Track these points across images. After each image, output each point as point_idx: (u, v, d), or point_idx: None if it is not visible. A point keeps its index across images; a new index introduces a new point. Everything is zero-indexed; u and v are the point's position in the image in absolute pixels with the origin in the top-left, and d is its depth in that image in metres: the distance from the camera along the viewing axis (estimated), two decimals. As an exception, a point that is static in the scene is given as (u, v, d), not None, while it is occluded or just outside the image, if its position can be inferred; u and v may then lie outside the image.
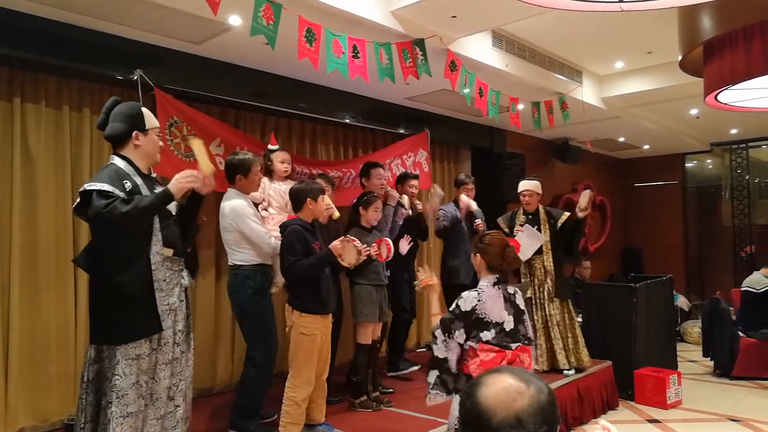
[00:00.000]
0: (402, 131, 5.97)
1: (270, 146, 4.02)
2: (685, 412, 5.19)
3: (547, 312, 4.99)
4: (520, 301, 2.87)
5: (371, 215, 4.13)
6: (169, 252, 2.57)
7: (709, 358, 6.62)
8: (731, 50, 3.44)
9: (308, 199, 3.36)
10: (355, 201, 4.30)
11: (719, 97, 3.92)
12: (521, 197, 5.14)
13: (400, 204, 4.66)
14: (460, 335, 2.70)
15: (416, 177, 5.03)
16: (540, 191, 5.14)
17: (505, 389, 1.15)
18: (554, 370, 4.95)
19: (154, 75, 3.82)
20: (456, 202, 5.24)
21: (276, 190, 3.98)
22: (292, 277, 3.28)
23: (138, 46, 3.81)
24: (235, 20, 3.54)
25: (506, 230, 5.12)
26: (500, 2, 3.56)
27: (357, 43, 3.59)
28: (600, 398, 5.14)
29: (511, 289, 2.86)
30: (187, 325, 2.72)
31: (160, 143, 2.75)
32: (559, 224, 5.00)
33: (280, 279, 3.66)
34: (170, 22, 3.55)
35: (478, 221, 5.10)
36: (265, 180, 3.88)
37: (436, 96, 5.41)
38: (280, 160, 4.02)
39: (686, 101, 6.18)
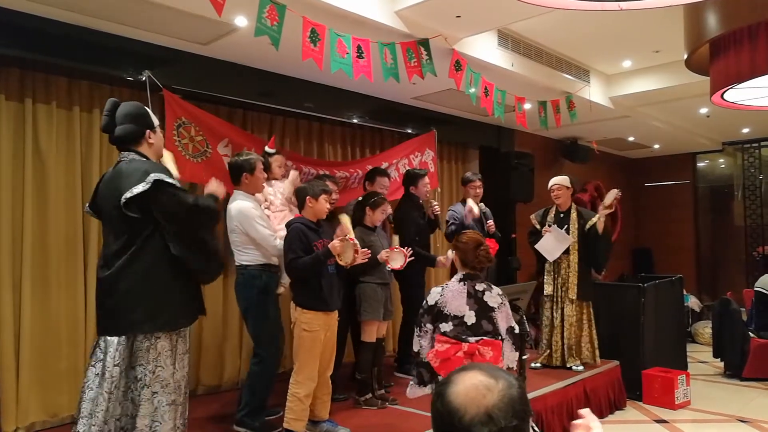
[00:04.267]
0: (409, 131, 5.99)
1: (267, 149, 4.05)
2: (694, 413, 5.16)
3: (565, 312, 5.00)
4: (490, 299, 3.02)
5: (377, 216, 4.16)
6: None
7: (719, 359, 6.57)
8: (736, 49, 3.42)
9: (308, 197, 3.41)
10: (361, 199, 4.33)
11: (726, 96, 3.90)
12: (551, 193, 5.14)
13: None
14: (430, 327, 3.03)
15: (426, 174, 5.02)
16: (569, 185, 5.13)
17: (474, 386, 1.15)
18: (566, 367, 4.96)
19: (163, 76, 3.88)
20: (464, 201, 5.25)
21: (276, 188, 4.03)
22: (292, 274, 3.34)
23: (146, 47, 3.87)
24: (240, 21, 3.58)
25: (537, 226, 5.15)
26: (504, 2, 3.56)
27: (361, 43, 3.62)
28: (607, 398, 5.12)
29: (480, 287, 3.04)
30: None
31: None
32: (587, 227, 4.99)
33: (286, 279, 3.69)
34: (177, 24, 3.60)
35: (490, 222, 5.11)
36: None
37: (443, 96, 5.42)
38: (278, 165, 4.07)
39: (695, 100, 6.13)
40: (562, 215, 5.07)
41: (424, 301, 3.09)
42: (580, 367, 4.98)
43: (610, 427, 4.76)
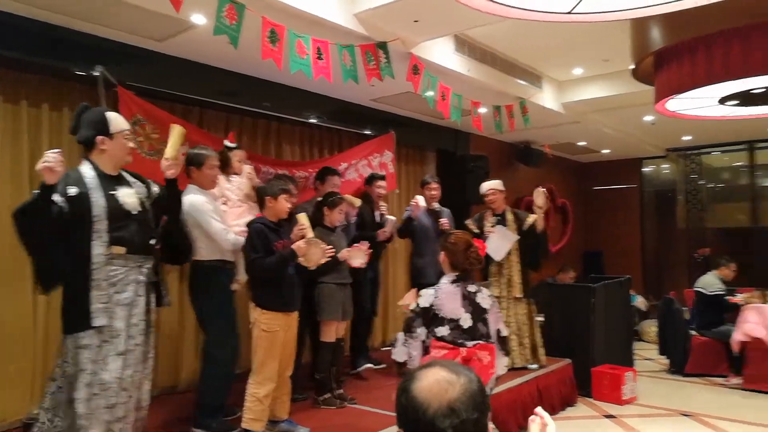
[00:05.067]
0: (368, 132, 6.04)
1: (227, 143, 4.01)
2: (640, 408, 5.36)
3: (512, 311, 5.14)
4: (483, 300, 2.89)
5: (335, 216, 4.18)
6: (121, 250, 2.68)
7: (664, 356, 6.85)
8: (678, 61, 3.61)
9: (267, 197, 3.41)
10: (319, 200, 4.35)
11: (668, 105, 4.09)
12: (485, 198, 5.27)
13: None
14: (422, 332, 2.78)
15: (383, 177, 5.11)
16: (503, 189, 5.27)
17: (437, 381, 1.21)
18: (521, 367, 5.09)
19: (117, 72, 3.80)
20: None
21: (234, 183, 3.99)
22: (254, 274, 3.33)
23: (99, 41, 3.78)
24: (198, 19, 3.55)
25: (476, 231, 5.24)
26: (461, 9, 3.64)
27: (320, 44, 3.64)
28: (559, 395, 5.28)
29: (472, 288, 2.90)
30: (147, 320, 2.79)
31: (131, 145, 2.88)
32: (525, 227, 5.14)
33: (242, 276, 3.67)
34: (131, 19, 3.54)
35: (443, 220, 5.17)
36: (220, 177, 3.88)
37: (401, 98, 5.49)
38: (238, 159, 4.03)
39: (641, 108, 6.38)
40: (499, 218, 5.22)
41: (414, 304, 2.89)
42: (534, 366, 5.12)
43: (562, 423, 4.91)
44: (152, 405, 3.00)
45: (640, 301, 8.94)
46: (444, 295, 2.84)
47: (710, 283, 6.47)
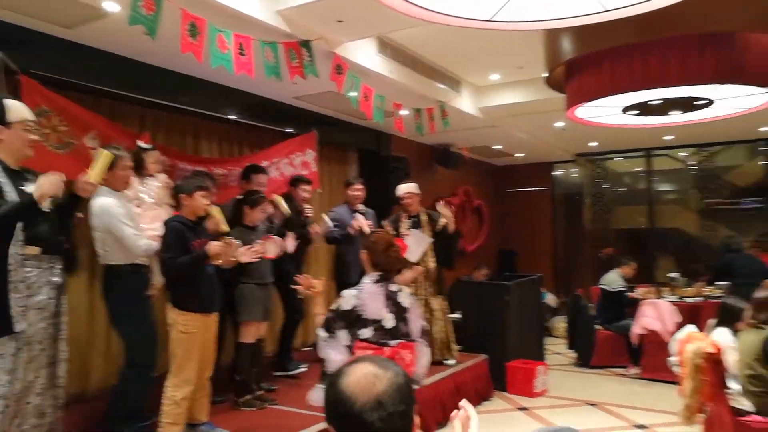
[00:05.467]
0: (290, 130, 5.98)
1: (141, 144, 3.86)
2: (550, 400, 5.65)
3: (431, 307, 5.27)
4: (404, 299, 2.87)
5: (257, 215, 4.12)
6: (35, 250, 2.52)
7: (572, 350, 7.25)
8: (587, 71, 3.84)
9: (181, 195, 3.32)
10: (239, 198, 4.26)
11: (577, 112, 4.34)
12: (402, 201, 5.37)
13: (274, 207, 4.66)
14: (344, 336, 2.68)
15: (309, 182, 5.08)
16: (418, 192, 5.41)
17: (364, 375, 1.23)
18: (434, 362, 5.21)
19: (20, 59, 3.55)
20: (347, 204, 5.34)
21: (148, 186, 3.85)
22: (169, 274, 3.23)
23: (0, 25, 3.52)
24: (110, 6, 3.38)
25: (394, 233, 5.31)
26: (384, 11, 3.70)
27: (242, 40, 3.57)
28: (475, 390, 5.46)
29: (394, 287, 2.86)
30: (57, 323, 2.67)
31: (32, 137, 2.66)
32: (437, 228, 5.28)
33: (158, 279, 3.54)
34: (35, 2, 3.31)
35: (368, 221, 5.22)
36: (134, 179, 3.73)
37: (324, 97, 5.48)
38: (153, 161, 3.88)
39: (553, 114, 6.71)
40: (414, 220, 5.35)
41: (336, 305, 2.78)
42: (452, 361, 5.27)
43: (478, 417, 5.08)
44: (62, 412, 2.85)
45: (550, 299, 9.40)
46: (367, 296, 2.76)
47: (613, 280, 6.91)
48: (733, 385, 3.84)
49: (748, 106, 4.14)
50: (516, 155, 9.66)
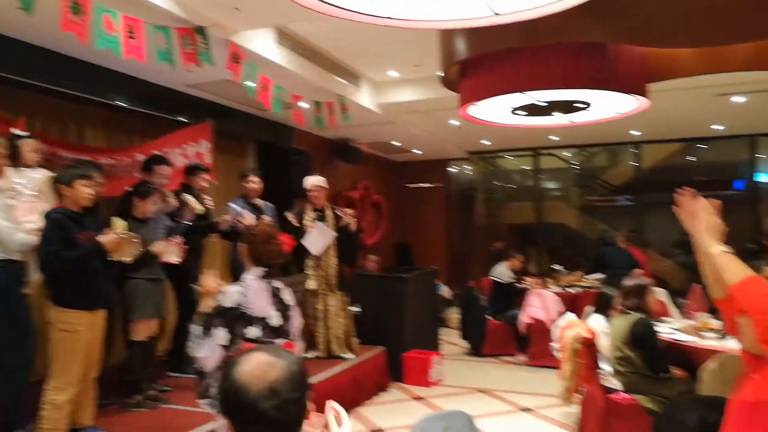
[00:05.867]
0: (183, 119, 5.75)
1: (15, 131, 3.56)
2: (445, 388, 5.86)
3: (328, 303, 5.28)
4: (287, 296, 2.79)
5: (148, 207, 3.93)
6: None
7: (465, 340, 7.56)
8: (478, 72, 4.03)
9: (59, 184, 3.11)
10: (129, 189, 4.05)
11: (470, 111, 4.53)
12: (309, 193, 5.35)
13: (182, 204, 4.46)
14: (222, 336, 2.49)
15: (207, 170, 4.89)
16: (326, 186, 5.42)
17: (258, 364, 1.24)
18: (332, 356, 5.24)
19: None
20: (244, 197, 5.21)
21: (26, 177, 3.56)
22: (50, 269, 3.00)
23: None
24: (-19, -22, 3.09)
25: (297, 225, 5.30)
26: (283, 1, 3.66)
27: (132, 23, 3.39)
28: (373, 381, 5.55)
29: (277, 284, 2.76)
30: None
31: None
32: (341, 224, 5.32)
33: (35, 276, 3.29)
34: None
35: (264, 217, 5.12)
36: (8, 169, 3.44)
37: (220, 86, 5.33)
38: (31, 149, 3.59)
39: (448, 112, 6.95)
40: (319, 213, 5.37)
41: (217, 302, 2.58)
42: (350, 355, 5.32)
43: (376, 408, 5.18)
44: None
45: (445, 291, 9.74)
46: (253, 293, 2.61)
47: (502, 272, 7.29)
48: (605, 367, 4.20)
49: (619, 111, 4.54)
50: (414, 152, 9.90)
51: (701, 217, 1.97)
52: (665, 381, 3.84)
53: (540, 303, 6.65)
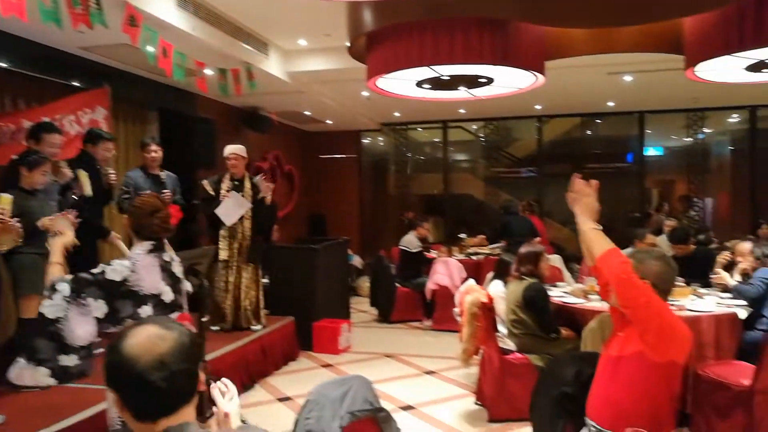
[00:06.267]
0: (76, 84, 5.41)
1: None
2: (353, 355, 6.01)
3: (241, 274, 5.24)
4: (177, 269, 2.67)
5: (37, 178, 3.70)
6: None
7: (375, 308, 7.75)
8: (384, 44, 4.07)
9: None
10: (15, 158, 3.79)
11: (378, 83, 4.58)
12: (227, 161, 5.25)
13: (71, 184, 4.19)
14: (98, 307, 2.32)
15: (112, 138, 4.60)
16: (245, 155, 5.34)
17: (148, 337, 1.25)
18: (240, 328, 5.22)
19: None
20: (142, 168, 4.98)
21: None
22: None
23: None
24: None
25: (212, 193, 5.23)
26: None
27: (11, -22, 3.14)
28: (282, 351, 5.60)
29: (167, 257, 2.63)
30: None
31: None
32: (259, 196, 5.26)
33: None
34: None
35: (166, 191, 4.93)
36: None
37: (118, 50, 5.05)
38: None
39: (358, 83, 6.93)
40: (237, 183, 5.29)
41: (99, 271, 2.37)
42: (258, 327, 5.32)
43: (284, 377, 5.24)
44: None
45: (357, 260, 9.89)
46: (143, 269, 2.43)
47: (410, 241, 7.50)
48: (502, 329, 4.48)
49: (519, 86, 4.75)
50: (326, 122, 9.85)
51: (581, 199, 2.18)
52: (555, 341, 4.16)
53: (445, 270, 6.91)
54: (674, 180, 10.79)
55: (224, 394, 1.55)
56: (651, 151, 10.47)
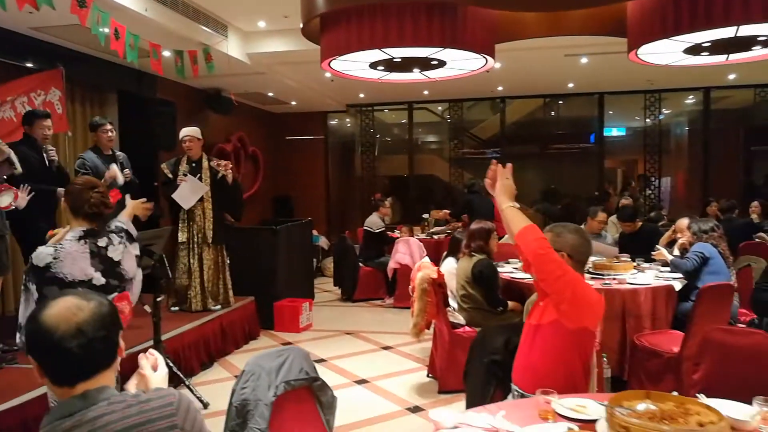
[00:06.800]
0: (29, 65, 5.35)
1: None
2: (314, 333, 6.14)
3: (202, 256, 5.29)
4: (114, 252, 2.64)
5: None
6: None
7: (339, 287, 7.88)
8: (336, 27, 4.12)
9: None
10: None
11: (333, 65, 4.63)
12: (183, 144, 5.28)
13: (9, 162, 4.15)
14: (33, 291, 2.42)
15: (48, 116, 4.56)
16: (200, 137, 5.36)
17: (66, 307, 1.32)
18: (206, 309, 5.29)
19: None
20: (95, 148, 4.95)
21: None
22: None
23: None
24: None
25: (170, 176, 5.27)
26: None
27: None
28: (242, 331, 5.70)
29: (102, 242, 2.60)
30: None
31: None
32: (218, 176, 5.28)
33: None
34: None
35: (127, 171, 4.92)
36: None
37: (69, 30, 5.00)
38: None
39: (318, 65, 6.98)
40: (194, 165, 5.31)
41: (33, 255, 2.45)
42: (217, 307, 5.39)
43: (244, 356, 5.33)
44: None
45: (323, 241, 9.99)
46: (68, 257, 2.44)
47: (374, 222, 7.62)
48: (453, 304, 4.64)
49: (471, 69, 4.83)
50: (291, 103, 9.83)
51: (499, 181, 2.29)
52: (501, 314, 4.33)
53: (406, 249, 7.05)
54: (636, 160, 11.04)
55: (154, 366, 1.62)
56: (614, 132, 10.70)
